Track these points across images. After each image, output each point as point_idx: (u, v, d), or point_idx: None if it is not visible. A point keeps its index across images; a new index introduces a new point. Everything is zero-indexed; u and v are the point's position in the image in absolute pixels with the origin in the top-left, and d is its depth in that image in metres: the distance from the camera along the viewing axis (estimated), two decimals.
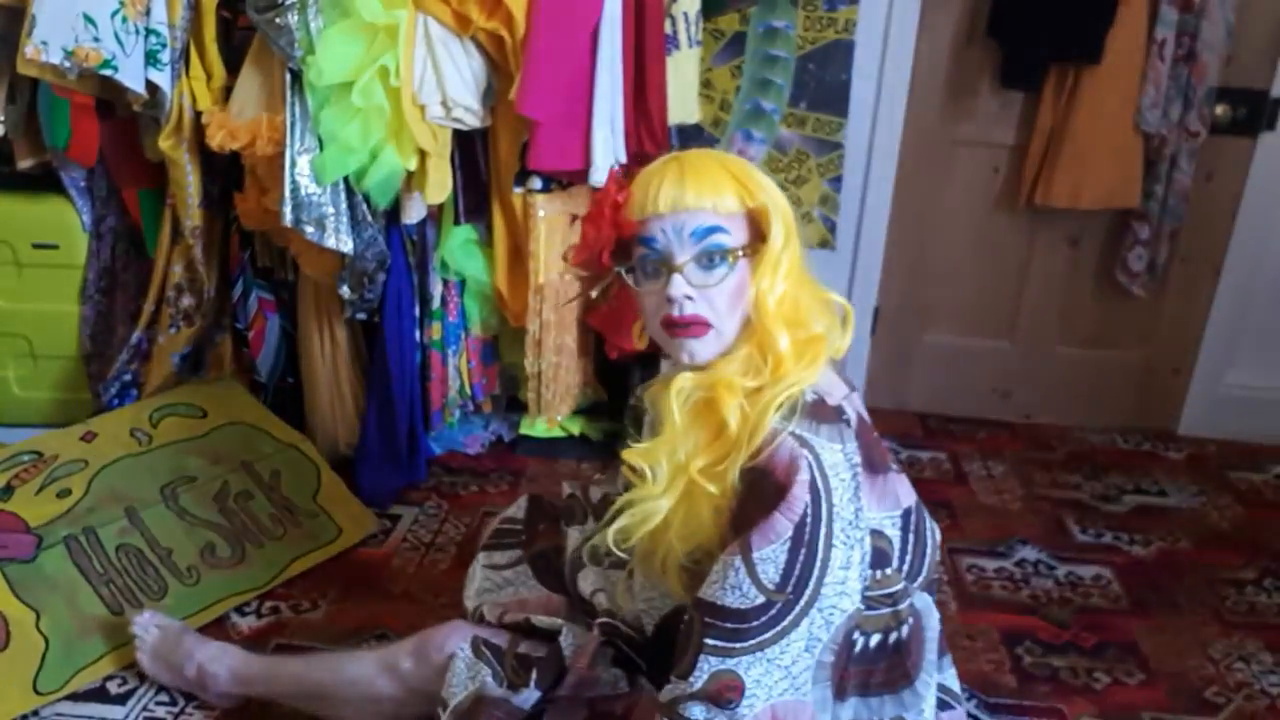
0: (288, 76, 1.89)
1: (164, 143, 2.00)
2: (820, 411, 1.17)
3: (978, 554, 2.15)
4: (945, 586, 2.03)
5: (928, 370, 2.79)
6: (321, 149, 1.92)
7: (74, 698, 1.65)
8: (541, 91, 1.87)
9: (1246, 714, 1.71)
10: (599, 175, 1.96)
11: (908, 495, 1.25)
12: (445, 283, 2.23)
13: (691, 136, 2.52)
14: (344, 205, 1.99)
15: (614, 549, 1.21)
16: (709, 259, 1.17)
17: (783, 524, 1.10)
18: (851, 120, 2.52)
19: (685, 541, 1.20)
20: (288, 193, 1.92)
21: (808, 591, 1.11)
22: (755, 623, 1.10)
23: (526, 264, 2.13)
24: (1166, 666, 1.82)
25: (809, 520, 1.10)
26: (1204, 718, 1.70)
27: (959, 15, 2.48)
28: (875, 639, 1.22)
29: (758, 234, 1.20)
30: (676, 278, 1.16)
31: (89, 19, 1.80)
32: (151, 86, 1.94)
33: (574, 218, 2.13)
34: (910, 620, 1.25)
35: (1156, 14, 2.31)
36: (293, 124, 1.91)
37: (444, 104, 1.92)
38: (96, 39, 1.81)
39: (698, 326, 1.18)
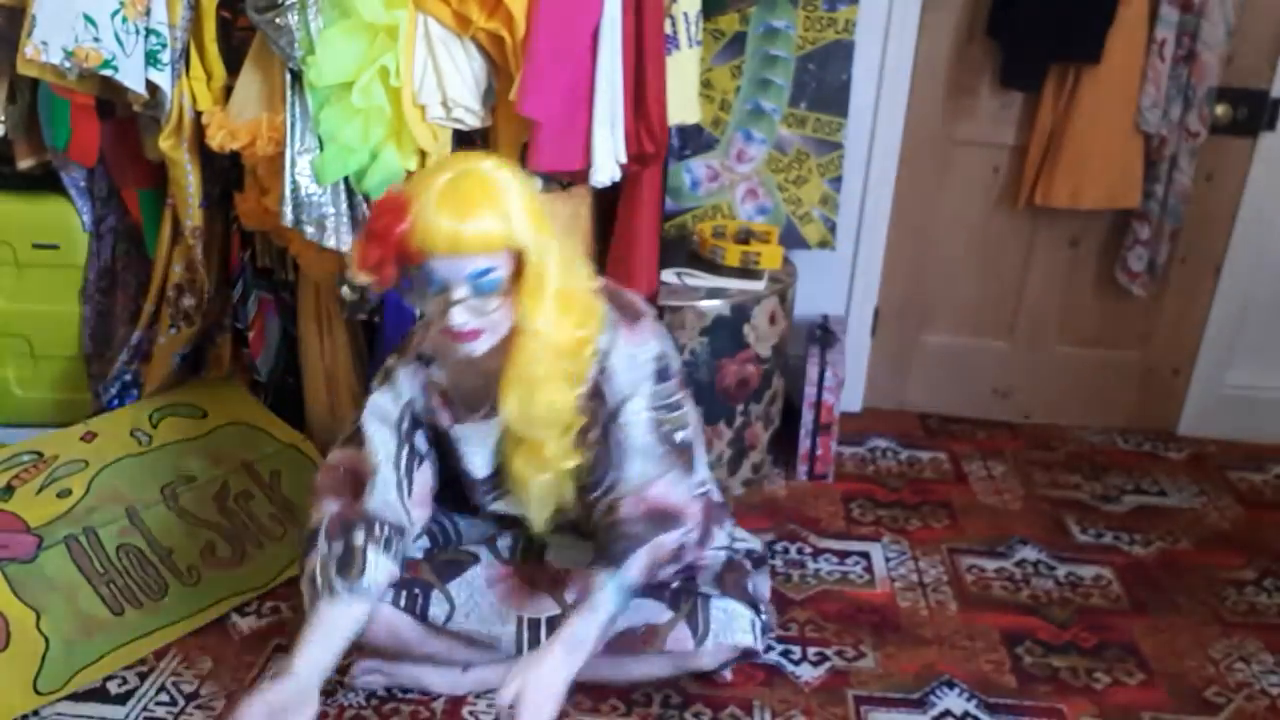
0: (288, 76, 1.89)
1: (164, 143, 2.00)
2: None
3: (978, 554, 2.15)
4: (945, 586, 2.03)
5: (928, 370, 2.79)
6: (321, 149, 1.92)
7: (74, 698, 1.65)
8: (542, 92, 1.86)
9: (1247, 714, 1.72)
10: (599, 175, 1.97)
11: None
12: None
13: (691, 136, 2.52)
14: (344, 205, 1.99)
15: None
16: (480, 291, 1.37)
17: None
18: (851, 120, 2.51)
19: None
20: (288, 193, 1.92)
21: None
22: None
23: None
24: (1166, 666, 1.82)
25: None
26: (1204, 718, 1.71)
27: (959, 15, 2.48)
28: None
29: (522, 263, 1.39)
30: (455, 309, 1.36)
31: (89, 19, 1.80)
32: (151, 86, 1.93)
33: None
34: None
35: (1156, 14, 2.31)
36: (293, 124, 1.90)
37: (444, 104, 1.92)
38: (96, 39, 1.81)
39: (473, 335, 1.40)
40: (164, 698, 1.66)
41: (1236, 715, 1.71)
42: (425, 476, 1.62)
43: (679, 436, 1.55)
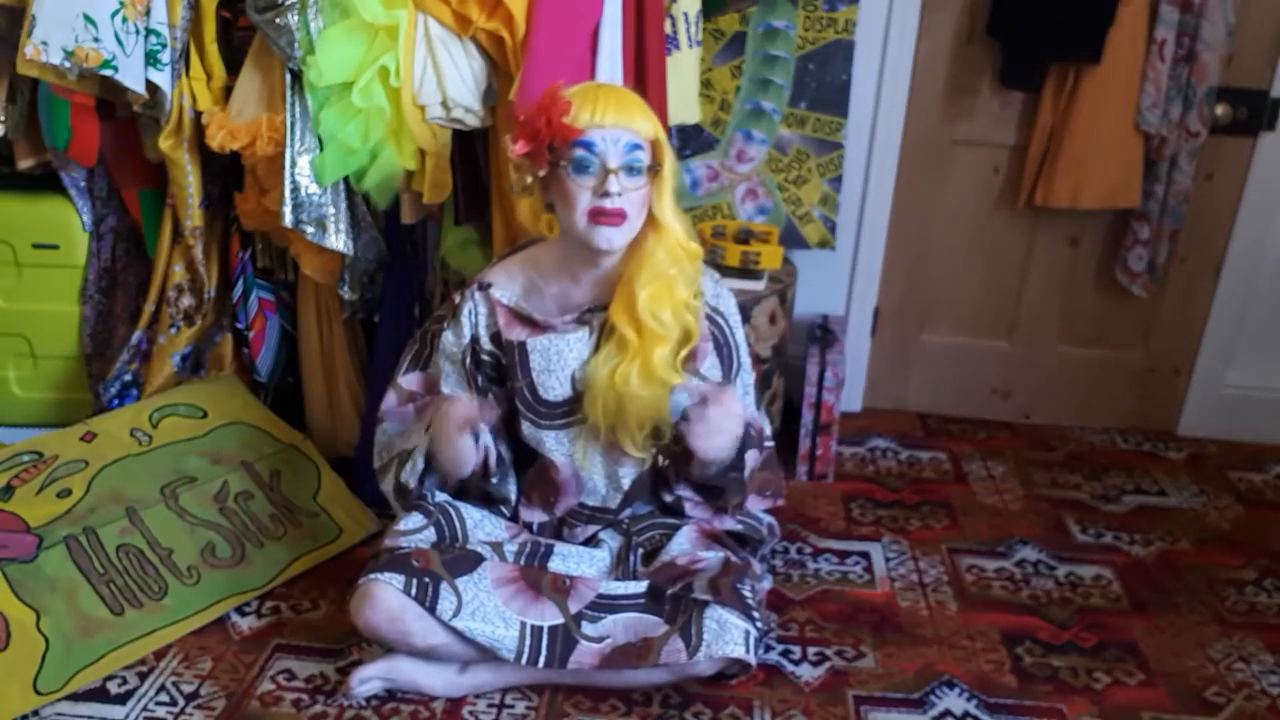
0: (288, 76, 1.90)
1: (164, 143, 2.00)
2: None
3: (978, 554, 2.15)
4: (945, 586, 2.03)
5: (928, 370, 2.79)
6: (321, 149, 1.92)
7: (74, 698, 1.65)
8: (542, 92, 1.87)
9: (1246, 714, 1.72)
10: None
11: None
12: (445, 282, 2.23)
13: (691, 136, 2.52)
14: (344, 205, 1.99)
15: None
16: (631, 169, 1.55)
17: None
18: (851, 120, 2.52)
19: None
20: (288, 193, 1.93)
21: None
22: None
23: None
24: (1166, 666, 1.82)
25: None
26: (1204, 718, 1.70)
27: (959, 15, 2.48)
28: None
29: (657, 160, 1.59)
30: (612, 177, 1.53)
31: (89, 19, 1.80)
32: (151, 87, 1.94)
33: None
34: None
35: (1156, 14, 2.31)
36: (293, 124, 1.91)
37: (444, 104, 1.92)
38: (96, 39, 1.81)
39: (619, 217, 1.55)
40: (164, 698, 1.66)
41: (1236, 715, 1.71)
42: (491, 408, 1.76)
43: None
